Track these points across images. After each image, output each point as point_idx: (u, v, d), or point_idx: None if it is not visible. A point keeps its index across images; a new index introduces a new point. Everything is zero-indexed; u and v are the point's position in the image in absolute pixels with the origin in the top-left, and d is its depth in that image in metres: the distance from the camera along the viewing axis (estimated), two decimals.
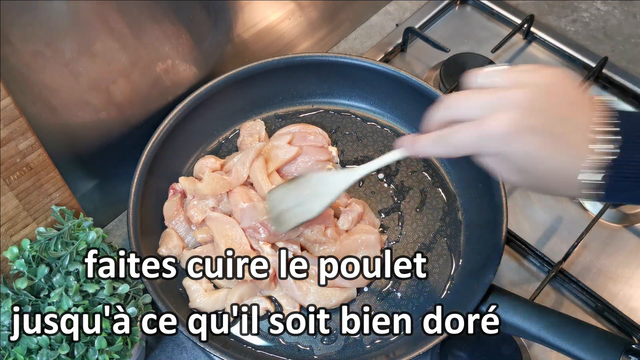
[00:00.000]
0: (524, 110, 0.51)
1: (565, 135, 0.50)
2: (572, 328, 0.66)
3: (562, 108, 0.51)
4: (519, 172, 0.53)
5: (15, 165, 0.68)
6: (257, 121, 0.92)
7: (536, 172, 0.52)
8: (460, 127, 0.54)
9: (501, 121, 0.51)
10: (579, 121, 0.51)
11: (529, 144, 0.51)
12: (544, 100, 0.51)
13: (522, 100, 0.51)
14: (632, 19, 1.13)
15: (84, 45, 0.70)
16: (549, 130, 0.50)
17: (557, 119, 0.51)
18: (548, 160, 0.51)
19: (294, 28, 1.00)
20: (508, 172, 0.54)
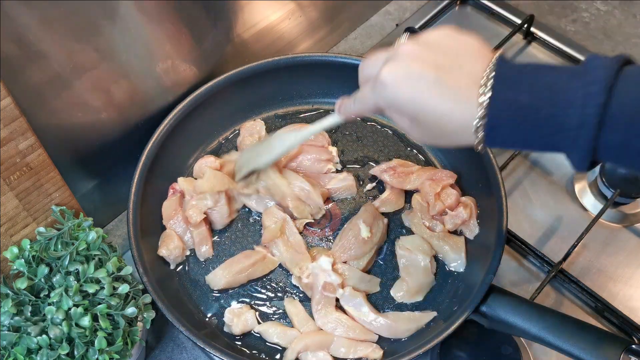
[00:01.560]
0: (410, 59, 0.53)
1: (450, 81, 0.51)
2: (572, 328, 0.66)
3: (450, 57, 0.52)
4: (415, 123, 0.55)
5: (15, 165, 0.68)
6: (257, 121, 0.92)
7: (428, 121, 0.53)
8: (365, 84, 0.59)
9: (388, 69, 0.54)
10: (466, 69, 0.51)
11: (415, 89, 0.52)
12: (431, 50, 0.53)
13: (410, 50, 0.53)
14: (632, 19, 1.13)
15: (84, 45, 0.70)
16: (434, 76, 0.51)
17: (444, 66, 0.51)
18: (435, 106, 0.51)
19: (294, 28, 1.00)
20: (407, 125, 0.56)
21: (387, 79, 0.53)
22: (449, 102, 0.51)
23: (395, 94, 0.53)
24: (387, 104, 0.56)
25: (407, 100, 0.53)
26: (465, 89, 0.50)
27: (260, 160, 0.79)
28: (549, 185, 0.94)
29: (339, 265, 0.78)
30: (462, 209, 0.81)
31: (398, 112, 0.56)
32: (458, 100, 0.51)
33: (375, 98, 0.56)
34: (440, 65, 0.52)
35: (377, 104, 0.57)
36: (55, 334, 0.61)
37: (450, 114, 0.51)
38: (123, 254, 0.85)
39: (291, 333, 0.74)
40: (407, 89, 0.52)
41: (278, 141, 0.78)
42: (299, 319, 0.75)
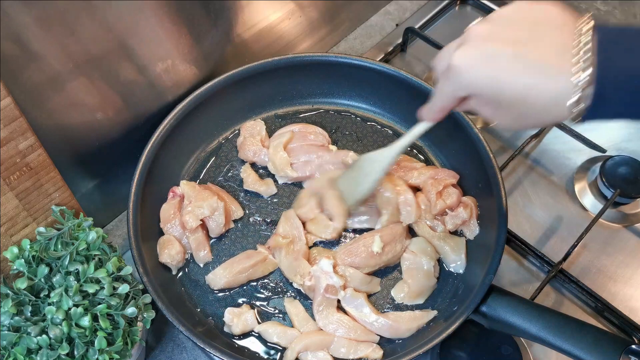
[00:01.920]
0: (482, 39, 0.50)
1: (532, 54, 0.48)
2: (572, 328, 0.66)
3: (527, 30, 0.49)
4: (499, 107, 0.52)
5: (15, 165, 0.68)
6: (257, 121, 0.92)
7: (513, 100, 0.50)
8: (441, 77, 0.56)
9: (460, 54, 0.51)
10: (549, 39, 0.48)
11: (494, 69, 0.49)
12: (504, 26, 0.50)
13: (480, 30, 0.51)
14: (632, 19, 1.13)
15: (84, 45, 0.70)
16: (512, 52, 0.48)
17: (521, 40, 0.48)
18: (519, 83, 0.48)
19: (294, 28, 1.00)
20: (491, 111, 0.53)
21: (461, 63, 0.50)
22: (534, 76, 0.47)
23: (472, 77, 0.50)
24: (465, 90, 0.53)
25: (487, 81, 0.50)
26: (552, 60, 0.47)
27: (363, 189, 0.77)
28: (549, 185, 0.94)
29: (340, 267, 0.78)
30: (462, 209, 0.81)
31: (479, 98, 0.53)
32: (545, 73, 0.47)
33: (453, 87, 0.53)
34: (517, 40, 0.48)
35: (456, 93, 0.54)
36: (55, 334, 0.61)
37: (539, 89, 0.48)
38: (123, 254, 0.85)
39: (291, 333, 0.74)
40: (484, 70, 0.49)
41: (370, 164, 0.76)
42: (299, 319, 0.75)
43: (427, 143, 0.91)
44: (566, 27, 0.48)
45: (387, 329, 0.74)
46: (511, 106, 0.50)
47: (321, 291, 0.75)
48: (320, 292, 0.75)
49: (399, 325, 0.74)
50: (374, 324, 0.74)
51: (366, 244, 0.78)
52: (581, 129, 0.93)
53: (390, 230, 0.80)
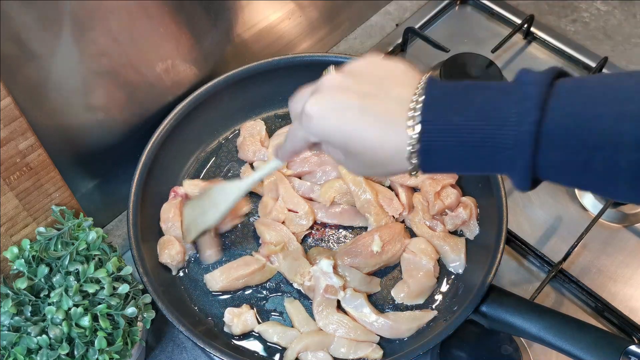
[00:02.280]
0: (334, 89, 0.52)
1: (377, 108, 0.49)
2: (572, 328, 0.66)
3: (375, 84, 0.51)
4: (348, 155, 0.53)
5: (15, 165, 0.68)
6: (257, 121, 0.92)
7: (359, 151, 0.51)
8: (295, 121, 0.57)
9: (312, 101, 0.52)
10: (393, 94, 0.49)
11: (342, 119, 0.50)
12: (355, 79, 0.52)
13: (333, 81, 0.52)
14: (632, 19, 1.13)
15: (84, 45, 0.70)
16: (360, 104, 0.50)
17: (369, 94, 0.50)
18: (364, 135, 0.50)
19: (294, 28, 1.00)
20: (342, 157, 0.54)
21: (312, 110, 0.52)
22: (377, 130, 0.49)
23: (322, 125, 0.52)
24: (316, 136, 0.54)
25: (335, 131, 0.51)
26: (393, 115, 0.49)
27: (207, 219, 0.76)
28: (549, 186, 0.93)
29: (340, 267, 0.78)
30: (462, 209, 0.81)
31: (329, 145, 0.54)
32: (387, 128, 0.49)
33: (304, 132, 0.55)
34: (365, 93, 0.50)
35: (307, 139, 0.56)
36: (55, 334, 0.61)
37: (381, 142, 0.49)
38: (123, 254, 0.85)
39: (291, 333, 0.74)
40: (333, 120, 0.51)
41: (221, 195, 0.75)
42: (299, 319, 0.75)
43: None
44: (409, 84, 0.50)
45: (387, 329, 0.74)
46: (358, 155, 0.52)
47: (320, 291, 0.75)
48: (319, 292, 0.75)
49: (399, 326, 0.74)
50: (374, 324, 0.74)
51: (365, 243, 0.78)
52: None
53: (389, 229, 0.80)
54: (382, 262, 0.79)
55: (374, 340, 0.74)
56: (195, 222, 0.78)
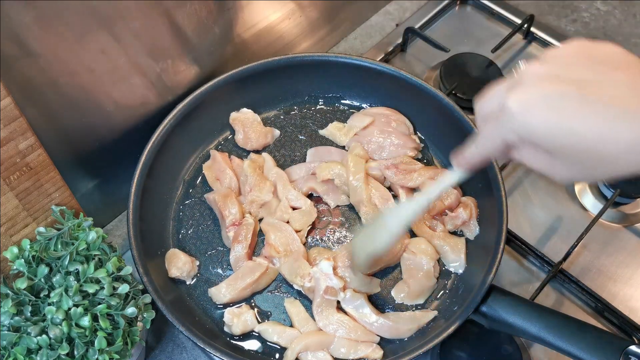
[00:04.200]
0: (542, 80, 0.45)
1: (602, 96, 0.42)
2: (572, 328, 0.66)
3: (592, 70, 0.44)
4: (558, 156, 0.46)
5: (15, 165, 0.68)
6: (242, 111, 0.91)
7: (579, 149, 0.43)
8: (487, 123, 0.50)
9: (516, 95, 0.45)
10: (618, 80, 0.43)
11: (557, 113, 0.43)
12: (565, 66, 0.45)
13: (538, 70, 0.45)
14: (632, 19, 1.13)
15: (84, 45, 0.70)
16: (578, 94, 0.43)
17: (588, 81, 0.43)
18: (588, 129, 0.42)
19: (294, 28, 1.00)
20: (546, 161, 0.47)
21: (516, 106, 0.44)
22: (605, 122, 0.42)
23: (529, 122, 0.44)
24: (519, 137, 0.46)
25: (547, 127, 0.44)
26: (624, 103, 0.42)
27: (378, 244, 0.70)
28: (549, 185, 0.94)
29: (340, 268, 0.77)
30: (462, 209, 0.81)
31: (534, 146, 0.47)
32: (622, 117, 0.41)
33: (504, 133, 0.47)
34: (582, 81, 0.43)
35: (506, 140, 0.48)
36: (55, 334, 0.61)
37: (614, 136, 0.42)
38: (123, 254, 0.85)
39: (291, 332, 0.74)
40: (545, 115, 0.43)
41: (392, 217, 0.68)
42: (299, 319, 0.75)
43: (428, 143, 0.91)
44: (634, 66, 0.44)
45: (387, 329, 0.74)
46: (574, 157, 0.44)
47: (320, 292, 0.75)
48: (319, 293, 0.75)
49: (399, 326, 0.74)
50: (374, 325, 0.74)
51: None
52: None
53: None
54: (382, 263, 0.79)
55: (374, 340, 0.74)
56: (365, 248, 0.71)
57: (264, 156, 0.88)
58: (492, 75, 1.01)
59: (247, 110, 0.92)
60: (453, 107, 0.84)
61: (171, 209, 0.85)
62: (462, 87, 0.99)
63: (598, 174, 0.45)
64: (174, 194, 0.87)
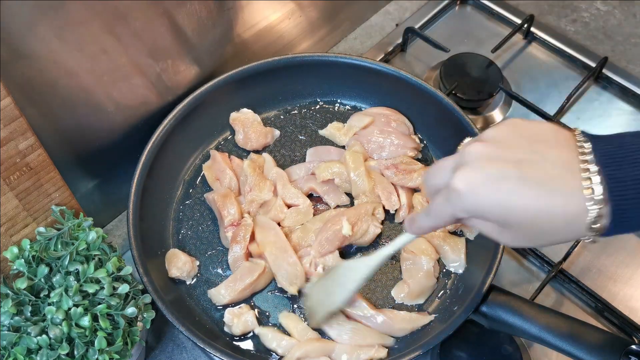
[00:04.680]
0: (483, 160, 0.48)
1: (538, 174, 0.46)
2: (572, 328, 0.65)
3: (526, 149, 0.47)
4: (505, 228, 0.49)
5: (15, 165, 0.68)
6: (242, 111, 0.91)
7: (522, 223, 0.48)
8: (436, 196, 0.53)
9: (461, 177, 0.49)
10: (552, 157, 0.47)
11: (499, 192, 0.47)
12: (502, 146, 0.48)
13: (479, 150, 0.49)
14: (632, 19, 1.13)
15: (85, 46, 0.70)
16: (517, 173, 0.46)
17: (524, 160, 0.47)
18: (527, 205, 0.46)
19: (294, 28, 1.00)
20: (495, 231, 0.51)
21: (462, 186, 0.48)
22: (545, 197, 0.45)
23: (475, 201, 0.48)
24: (467, 213, 0.50)
25: (492, 205, 0.47)
26: (559, 180, 0.45)
27: (334, 301, 0.72)
28: None
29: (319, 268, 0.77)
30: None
31: (482, 219, 0.51)
32: (556, 194, 0.45)
33: (452, 209, 0.51)
34: (519, 160, 0.47)
35: (455, 215, 0.52)
36: (55, 334, 0.61)
37: (551, 211, 0.45)
38: (123, 254, 0.85)
39: (290, 342, 0.73)
40: (489, 194, 0.47)
41: (347, 273, 0.71)
42: (298, 329, 0.75)
43: (428, 143, 0.91)
44: (565, 144, 0.47)
45: (382, 325, 0.74)
46: (520, 228, 0.48)
47: None
48: None
49: (392, 323, 0.74)
50: (370, 319, 0.74)
51: (335, 230, 0.79)
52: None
53: (355, 211, 0.80)
54: (352, 240, 0.80)
55: (389, 343, 0.74)
56: (321, 305, 0.74)
57: (264, 156, 0.88)
58: (492, 75, 1.01)
59: (247, 110, 0.92)
60: (453, 107, 0.84)
61: (171, 209, 0.85)
62: (462, 87, 0.99)
63: (541, 242, 0.50)
64: (174, 194, 0.87)
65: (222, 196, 0.82)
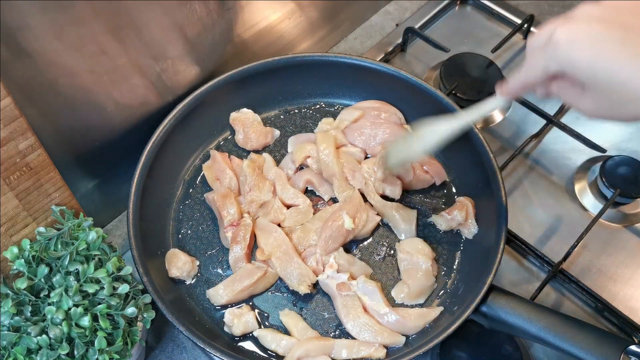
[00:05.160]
0: (591, 19, 0.49)
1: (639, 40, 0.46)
2: (572, 328, 0.66)
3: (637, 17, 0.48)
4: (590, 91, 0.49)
5: (15, 165, 0.68)
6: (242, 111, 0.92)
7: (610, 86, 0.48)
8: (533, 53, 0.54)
9: (565, 29, 0.49)
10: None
11: (597, 49, 0.47)
12: (616, 10, 0.49)
13: (590, 11, 0.50)
14: None
15: (85, 46, 0.70)
16: (622, 36, 0.47)
17: (632, 27, 0.47)
18: (622, 68, 0.46)
19: (294, 28, 1.00)
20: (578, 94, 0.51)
21: (562, 37, 0.49)
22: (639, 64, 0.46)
23: (571, 53, 0.49)
24: (559, 66, 0.51)
25: (587, 61, 0.48)
26: None
27: (413, 151, 0.74)
28: (549, 185, 0.94)
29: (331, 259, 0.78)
30: (457, 211, 0.81)
31: (570, 78, 0.51)
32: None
33: (546, 60, 0.51)
34: (627, 26, 0.47)
35: (547, 69, 0.52)
36: (55, 334, 0.61)
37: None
38: (123, 254, 0.85)
39: (289, 341, 0.74)
40: (586, 49, 0.48)
41: (430, 130, 0.72)
42: (298, 329, 0.75)
43: None
44: None
45: (395, 323, 0.74)
46: (604, 92, 0.49)
47: (336, 292, 0.76)
48: (336, 294, 0.76)
49: (406, 322, 0.74)
50: (383, 317, 0.75)
51: (337, 226, 0.79)
52: (581, 129, 0.93)
53: (352, 202, 0.81)
54: (356, 233, 0.81)
55: (399, 342, 0.74)
56: (399, 153, 0.76)
57: (264, 156, 0.88)
58: (492, 75, 1.01)
59: (247, 110, 0.92)
60: (453, 107, 0.84)
61: (171, 209, 0.85)
62: (462, 87, 0.99)
63: (624, 112, 0.49)
64: (174, 194, 0.87)
65: (222, 196, 0.82)
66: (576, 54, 0.49)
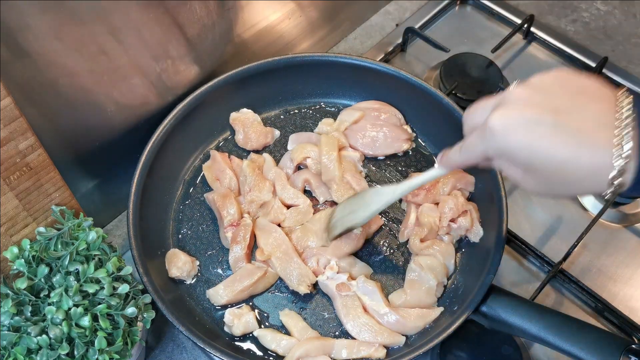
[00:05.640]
0: (523, 104, 0.50)
1: (573, 124, 0.47)
2: (572, 328, 0.66)
3: (567, 99, 0.49)
4: (530, 173, 0.51)
5: (15, 165, 0.68)
6: (242, 111, 0.91)
7: (547, 169, 0.49)
8: (471, 133, 0.56)
9: (498, 115, 0.50)
10: (590, 111, 0.47)
11: (531, 135, 0.48)
12: (545, 93, 0.50)
13: (521, 94, 0.51)
14: (632, 19, 1.13)
15: (85, 46, 0.70)
16: (553, 120, 0.48)
17: (562, 110, 0.48)
18: (556, 153, 0.48)
19: (294, 28, 1.00)
20: (520, 175, 0.53)
21: (498, 125, 0.50)
22: (573, 147, 0.47)
23: (507, 141, 0.50)
24: (497, 152, 0.52)
25: (522, 147, 0.49)
26: (592, 132, 0.46)
27: (356, 218, 0.76)
28: None
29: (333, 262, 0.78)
30: (462, 218, 0.81)
31: (510, 161, 0.52)
32: (585, 145, 0.47)
33: (484, 146, 0.53)
34: (558, 109, 0.48)
35: (486, 153, 0.54)
36: (55, 334, 0.61)
37: (576, 161, 0.47)
38: (123, 254, 0.85)
39: (289, 341, 0.74)
40: (521, 136, 0.49)
41: (374, 196, 0.75)
42: (298, 329, 0.75)
43: (427, 142, 0.91)
44: (606, 100, 0.48)
45: (394, 323, 0.74)
46: (543, 174, 0.50)
47: (336, 293, 0.76)
48: (335, 294, 0.76)
49: (406, 322, 0.74)
50: (383, 317, 0.74)
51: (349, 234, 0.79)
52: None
53: None
54: (366, 235, 0.81)
55: (399, 342, 0.74)
56: (343, 220, 0.77)
57: (264, 156, 0.88)
58: (492, 75, 1.01)
59: (247, 110, 0.92)
60: (453, 107, 0.84)
61: (171, 209, 0.85)
62: (462, 87, 0.99)
63: (561, 191, 0.52)
64: (174, 194, 0.87)
65: (222, 196, 0.82)
66: (512, 141, 0.50)
